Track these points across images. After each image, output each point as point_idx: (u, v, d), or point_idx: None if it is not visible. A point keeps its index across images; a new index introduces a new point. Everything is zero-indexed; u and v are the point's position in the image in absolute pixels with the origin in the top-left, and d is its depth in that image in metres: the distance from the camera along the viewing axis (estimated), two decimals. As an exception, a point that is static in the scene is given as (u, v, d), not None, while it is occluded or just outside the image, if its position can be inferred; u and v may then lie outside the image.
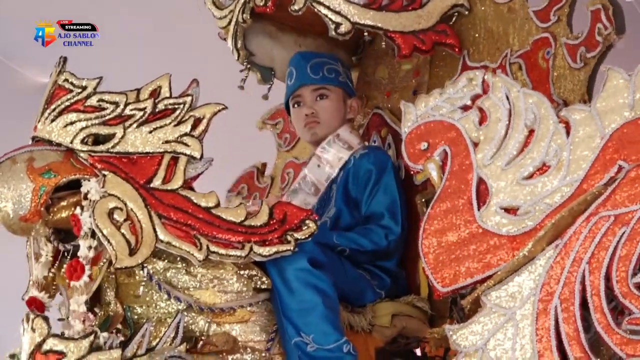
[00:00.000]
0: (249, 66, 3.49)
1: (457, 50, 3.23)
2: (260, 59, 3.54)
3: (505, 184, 2.42)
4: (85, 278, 2.45)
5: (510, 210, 2.40)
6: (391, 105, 3.60)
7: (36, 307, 2.61)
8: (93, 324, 2.48)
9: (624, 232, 2.23)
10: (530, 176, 2.41)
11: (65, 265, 2.57)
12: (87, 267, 2.45)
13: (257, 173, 4.04)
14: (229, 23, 3.39)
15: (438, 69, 3.41)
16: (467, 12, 3.25)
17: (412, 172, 2.66)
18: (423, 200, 3.20)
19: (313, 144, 3.42)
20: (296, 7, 3.17)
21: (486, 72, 2.55)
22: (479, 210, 2.43)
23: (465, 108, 2.55)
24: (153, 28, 4.92)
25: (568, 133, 2.38)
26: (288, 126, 3.86)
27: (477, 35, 3.23)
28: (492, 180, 2.44)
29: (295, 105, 3.40)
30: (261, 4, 3.25)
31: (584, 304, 2.24)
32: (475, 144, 2.49)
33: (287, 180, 3.94)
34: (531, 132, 2.43)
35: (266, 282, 2.68)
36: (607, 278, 2.23)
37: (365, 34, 3.29)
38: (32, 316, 2.51)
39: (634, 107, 2.31)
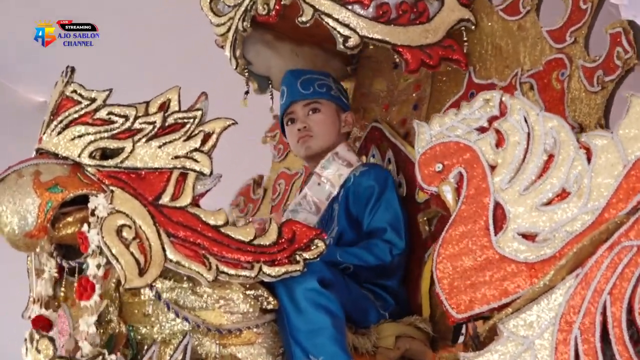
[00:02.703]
0: (248, 77, 3.42)
1: (463, 66, 3.17)
2: (257, 68, 3.47)
3: (524, 209, 2.36)
4: (96, 297, 2.37)
5: (528, 237, 2.34)
6: (390, 118, 3.55)
7: (43, 326, 2.52)
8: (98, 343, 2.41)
9: (647, 263, 2.20)
10: (550, 202, 2.35)
11: (68, 283, 2.50)
12: (97, 287, 2.37)
13: (253, 185, 4.00)
14: (228, 30, 3.31)
15: (441, 83, 3.36)
16: (473, 27, 3.19)
17: (426, 192, 2.58)
18: (425, 218, 3.16)
19: (308, 159, 3.38)
20: (304, 19, 3.09)
21: (503, 94, 2.50)
22: (495, 235, 2.37)
23: (481, 130, 2.48)
24: (152, 31, 4.85)
25: (589, 159, 2.32)
26: (282, 137, 3.81)
27: (483, 51, 3.17)
28: (510, 205, 2.38)
29: (289, 123, 3.36)
30: (264, 12, 3.17)
31: (603, 335, 2.20)
32: (492, 167, 2.43)
33: (279, 192, 3.89)
34: (550, 156, 2.38)
35: (272, 302, 2.61)
36: (629, 309, 2.18)
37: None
38: (36, 336, 2.43)
39: (659, 135, 2.26)
